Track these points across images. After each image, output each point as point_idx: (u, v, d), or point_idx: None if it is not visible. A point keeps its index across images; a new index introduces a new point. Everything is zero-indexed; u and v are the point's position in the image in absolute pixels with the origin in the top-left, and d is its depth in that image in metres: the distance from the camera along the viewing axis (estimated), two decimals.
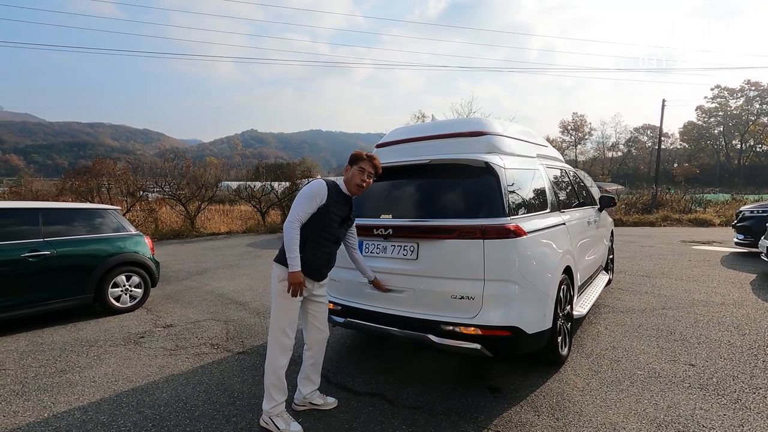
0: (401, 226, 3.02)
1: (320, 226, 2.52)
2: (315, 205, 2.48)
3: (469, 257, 2.73)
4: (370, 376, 3.25)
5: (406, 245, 2.99)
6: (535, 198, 3.37)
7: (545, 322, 2.93)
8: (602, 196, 5.41)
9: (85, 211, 5.32)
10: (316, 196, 2.48)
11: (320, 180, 2.57)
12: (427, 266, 2.88)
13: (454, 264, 2.79)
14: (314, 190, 2.50)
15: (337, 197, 2.57)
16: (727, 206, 17.82)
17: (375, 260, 3.12)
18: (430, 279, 2.86)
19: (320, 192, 2.50)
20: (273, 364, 2.52)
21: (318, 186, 2.52)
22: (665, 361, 3.35)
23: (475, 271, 2.72)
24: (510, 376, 3.15)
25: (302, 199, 2.48)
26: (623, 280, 6.25)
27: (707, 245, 9.88)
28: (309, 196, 2.47)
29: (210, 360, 3.65)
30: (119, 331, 4.52)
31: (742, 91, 60.82)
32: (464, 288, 2.74)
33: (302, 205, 2.46)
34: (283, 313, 2.51)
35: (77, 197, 13.83)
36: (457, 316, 2.77)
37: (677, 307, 4.79)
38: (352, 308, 3.24)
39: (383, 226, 3.06)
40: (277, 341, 2.52)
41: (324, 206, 2.50)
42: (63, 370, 3.48)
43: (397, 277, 3.00)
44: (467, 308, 2.71)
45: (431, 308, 2.85)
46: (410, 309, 2.95)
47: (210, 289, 6.51)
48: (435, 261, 2.85)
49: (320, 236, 2.54)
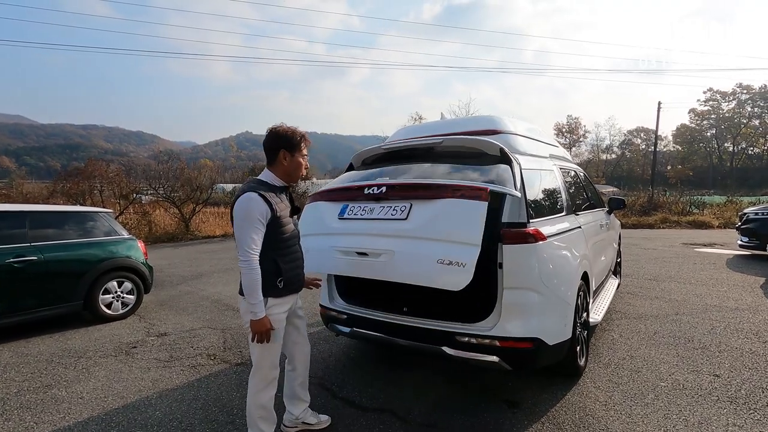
0: (397, 185, 2.69)
1: (279, 239, 2.15)
2: (263, 225, 2.06)
3: (468, 218, 2.35)
4: (377, 389, 3.06)
5: (397, 205, 2.61)
6: (551, 200, 3.20)
7: (566, 332, 2.75)
8: (611, 198, 5.28)
9: (74, 215, 5.08)
10: (259, 217, 2.04)
11: (248, 195, 2.05)
12: (415, 226, 2.48)
13: (449, 225, 2.40)
14: (253, 211, 2.03)
15: (277, 197, 2.16)
16: (724, 208, 17.84)
17: (353, 222, 2.75)
18: (416, 241, 2.46)
19: (259, 208, 2.04)
20: (260, 399, 2.22)
21: (254, 204, 2.04)
22: (688, 372, 3.19)
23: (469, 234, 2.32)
24: (527, 389, 2.97)
25: (245, 225, 2.03)
26: (631, 284, 6.10)
27: (710, 248, 9.79)
28: (252, 220, 2.03)
29: (206, 372, 3.43)
30: (110, 341, 4.29)
31: (734, 94, 61.50)
32: (454, 252, 2.31)
33: (249, 233, 2.02)
34: (270, 348, 2.17)
35: (68, 200, 13.51)
36: (474, 327, 2.59)
37: (691, 313, 4.65)
38: (359, 317, 3.05)
39: (376, 184, 2.73)
40: (263, 376, 2.21)
41: (272, 219, 2.09)
42: (49, 385, 3.25)
43: (375, 239, 2.59)
44: (455, 276, 2.27)
45: (410, 275, 2.43)
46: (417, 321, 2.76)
47: (205, 295, 6.29)
48: (427, 221, 2.46)
49: (286, 248, 2.19)
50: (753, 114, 60.85)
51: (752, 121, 60.87)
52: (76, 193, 13.69)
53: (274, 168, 2.21)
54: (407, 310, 2.93)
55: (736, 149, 63.96)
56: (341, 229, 2.82)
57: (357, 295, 3.29)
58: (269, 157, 2.21)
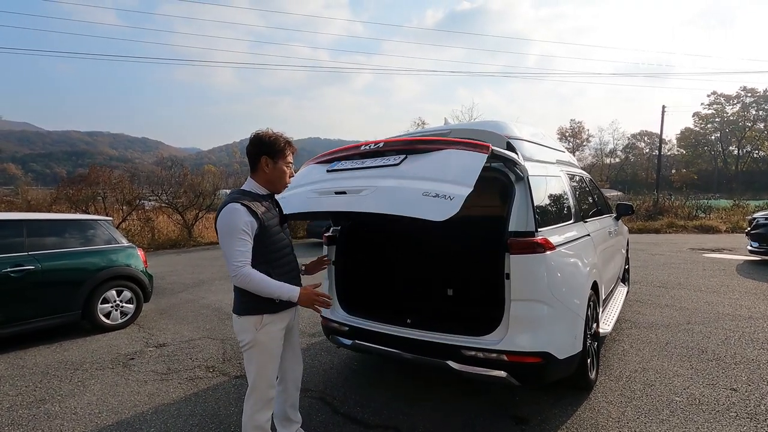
0: (395, 140, 2.56)
1: (270, 249, 2.02)
2: (249, 237, 1.93)
3: (465, 164, 2.18)
4: (380, 404, 2.95)
5: (391, 156, 2.46)
6: (559, 207, 3.10)
7: (576, 345, 2.64)
8: (619, 204, 5.16)
9: (73, 223, 5.03)
10: (244, 228, 1.90)
11: (231, 206, 1.92)
12: (407, 168, 2.33)
13: (443, 168, 2.22)
14: (237, 222, 1.90)
15: (262, 206, 2.01)
16: (731, 212, 17.61)
17: (341, 172, 2.60)
18: (404, 180, 2.28)
19: (244, 219, 1.91)
20: (257, 421, 2.08)
21: (237, 215, 1.91)
22: (703, 385, 3.06)
23: (463, 177, 2.12)
24: (536, 404, 2.85)
25: (230, 239, 1.90)
26: (640, 291, 5.96)
27: (718, 253, 9.62)
28: (236, 232, 1.89)
29: (205, 386, 3.33)
30: (108, 352, 4.20)
31: (738, 97, 61.17)
32: (443, 189, 2.09)
33: (234, 246, 1.89)
34: (267, 367, 2.06)
35: (72, 206, 13.50)
36: (480, 341, 2.48)
37: (703, 322, 4.51)
38: (361, 329, 2.95)
39: (374, 142, 2.61)
40: (260, 396, 2.07)
41: (260, 229, 1.96)
42: (42, 400, 3.16)
43: (358, 180, 2.42)
44: (438, 206, 2.01)
45: (389, 205, 2.17)
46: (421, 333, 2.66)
47: (206, 303, 6.20)
48: (420, 165, 2.30)
49: (278, 258, 2.08)
50: (758, 117, 60.44)
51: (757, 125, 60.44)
52: (79, 200, 13.68)
53: (256, 176, 2.08)
54: (411, 322, 2.84)
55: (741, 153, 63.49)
56: (327, 178, 2.64)
57: (359, 305, 3.20)
58: (251, 163, 2.07)
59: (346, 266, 3.30)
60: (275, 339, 2.09)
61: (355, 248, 3.43)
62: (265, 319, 2.04)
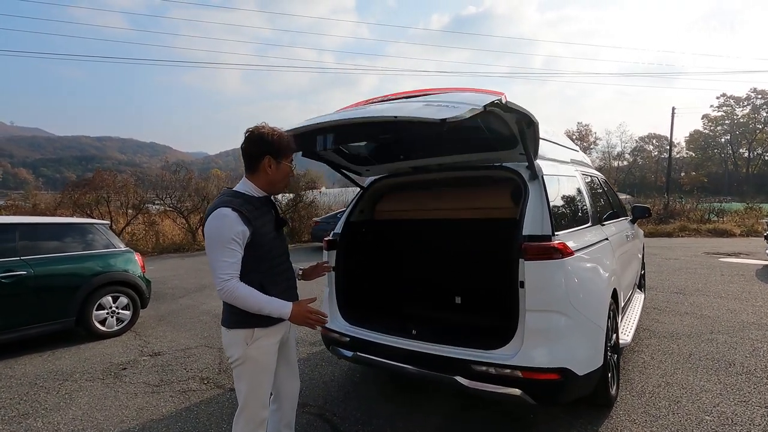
0: (407, 92, 2.54)
1: (263, 258, 1.81)
2: (239, 246, 1.71)
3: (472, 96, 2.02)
4: (384, 420, 2.74)
5: (413, 97, 2.39)
6: (575, 210, 2.89)
7: (597, 360, 2.41)
8: (635, 206, 4.91)
9: (67, 227, 4.89)
10: (234, 237, 1.69)
11: (222, 211, 1.70)
12: (424, 99, 2.23)
13: (455, 97, 2.07)
14: (226, 231, 1.68)
15: (257, 211, 1.79)
16: (745, 216, 17.18)
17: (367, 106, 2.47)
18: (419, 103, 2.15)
19: (234, 228, 1.69)
20: None
21: (227, 222, 1.69)
22: (735, 403, 2.81)
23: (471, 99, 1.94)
24: (551, 423, 2.63)
25: (217, 247, 1.69)
26: (656, 297, 5.70)
27: (735, 257, 9.30)
28: (225, 241, 1.68)
29: (197, 399, 3.14)
30: (100, 361, 4.03)
31: (748, 99, 60.28)
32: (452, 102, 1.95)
33: (221, 256, 1.68)
34: (259, 384, 1.86)
35: (76, 211, 13.47)
36: (492, 355, 2.27)
37: (727, 331, 4.24)
38: (363, 341, 2.74)
39: (404, 92, 2.59)
40: (250, 416, 1.86)
41: (252, 238, 1.75)
42: (25, 414, 2.99)
43: (385, 104, 2.35)
44: (439, 111, 1.85)
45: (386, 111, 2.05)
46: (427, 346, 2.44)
47: (207, 309, 6.04)
48: (436, 97, 2.18)
49: (273, 267, 1.86)
50: None
51: None
52: (83, 204, 13.65)
53: (255, 177, 1.85)
54: (416, 333, 2.63)
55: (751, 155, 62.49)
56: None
57: (361, 314, 3.00)
58: (250, 163, 1.84)
59: (348, 273, 3.10)
60: (268, 354, 1.88)
61: (357, 253, 3.24)
62: (256, 333, 1.83)
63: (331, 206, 18.73)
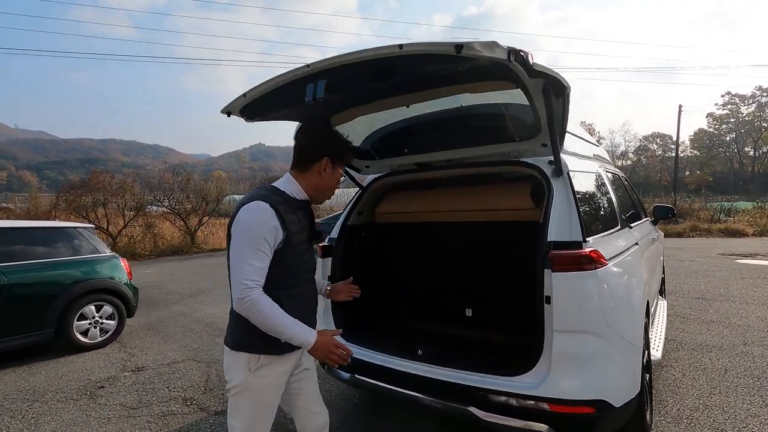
0: None
1: (289, 273, 1.53)
2: (270, 249, 1.44)
3: None
4: None
5: None
6: (603, 211, 2.54)
7: (635, 386, 2.06)
8: (656, 206, 4.55)
9: (48, 231, 4.57)
10: (267, 236, 1.42)
11: (259, 204, 1.45)
12: None
13: None
14: (260, 227, 1.42)
15: (293, 215, 1.52)
16: (757, 215, 16.75)
17: None
18: None
19: (269, 225, 1.43)
20: None
21: (264, 218, 1.43)
22: None
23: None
24: None
25: (245, 246, 1.41)
26: (677, 304, 5.34)
27: (752, 258, 8.92)
28: (256, 240, 1.41)
29: (177, 425, 2.81)
30: (78, 377, 3.71)
31: (753, 97, 59.62)
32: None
33: (249, 258, 1.40)
34: (257, 423, 1.55)
35: (71, 213, 13.19)
36: (513, 383, 1.92)
37: (762, 343, 3.88)
38: (362, 362, 2.40)
39: None
40: None
41: (284, 244, 1.48)
42: None
43: None
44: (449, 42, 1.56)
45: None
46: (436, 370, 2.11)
47: (199, 317, 5.71)
48: None
49: (296, 285, 1.57)
50: None
51: None
52: (79, 207, 13.37)
53: (303, 176, 1.59)
54: (422, 353, 2.30)
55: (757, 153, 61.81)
56: None
57: (360, 330, 2.66)
58: (303, 161, 1.58)
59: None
60: (272, 387, 1.55)
61: (355, 261, 2.89)
62: (261, 360, 1.51)
63: (333, 207, 18.41)
